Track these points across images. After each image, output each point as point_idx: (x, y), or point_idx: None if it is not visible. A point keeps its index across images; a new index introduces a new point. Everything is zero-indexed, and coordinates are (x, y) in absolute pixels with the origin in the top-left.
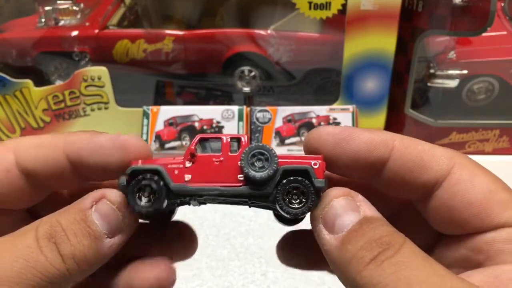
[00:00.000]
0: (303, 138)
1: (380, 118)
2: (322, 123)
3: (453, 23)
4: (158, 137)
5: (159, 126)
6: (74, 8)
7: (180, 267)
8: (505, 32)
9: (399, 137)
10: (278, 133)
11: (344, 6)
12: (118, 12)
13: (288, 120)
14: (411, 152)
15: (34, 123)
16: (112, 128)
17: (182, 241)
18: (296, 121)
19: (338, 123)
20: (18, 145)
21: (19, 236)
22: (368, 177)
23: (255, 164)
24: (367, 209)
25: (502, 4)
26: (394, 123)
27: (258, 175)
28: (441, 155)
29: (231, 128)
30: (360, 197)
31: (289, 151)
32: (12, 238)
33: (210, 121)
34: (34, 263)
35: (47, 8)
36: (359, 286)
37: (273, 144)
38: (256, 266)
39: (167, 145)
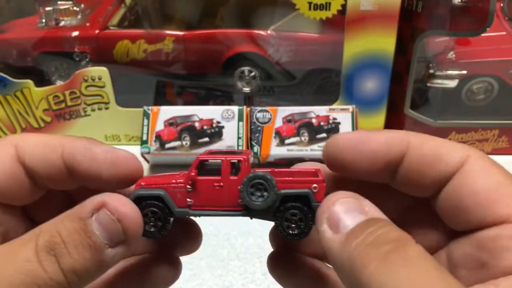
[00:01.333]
0: (303, 138)
1: (380, 118)
2: (322, 123)
3: (453, 23)
4: (158, 137)
5: (159, 126)
6: (75, 8)
7: None
8: (504, 33)
9: (413, 134)
10: (278, 133)
11: (343, 6)
12: (119, 12)
13: (288, 120)
14: (426, 146)
15: (35, 123)
16: (112, 128)
17: (187, 235)
18: (296, 121)
19: (338, 123)
20: (21, 140)
21: (19, 246)
22: (385, 177)
23: (255, 193)
24: (374, 211)
25: (501, 5)
26: (393, 123)
27: (257, 205)
28: (455, 149)
29: (231, 128)
30: (367, 201)
31: (288, 151)
32: (12, 248)
33: (210, 121)
34: (35, 277)
35: (47, 8)
36: (365, 285)
37: (273, 144)
38: (256, 266)
39: (167, 145)
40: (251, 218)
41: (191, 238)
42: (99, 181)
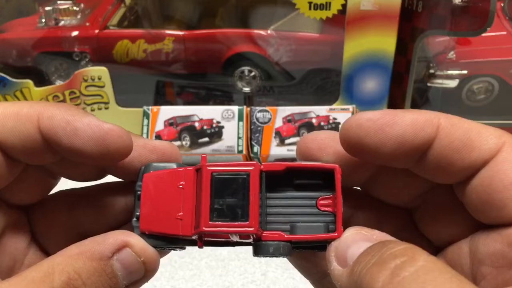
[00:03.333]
0: None
1: None
2: (322, 123)
3: (453, 23)
4: (158, 137)
5: (159, 126)
6: (75, 8)
7: (180, 266)
8: (504, 32)
9: (443, 115)
10: (278, 133)
11: (344, 6)
12: (118, 12)
13: (288, 120)
14: (458, 130)
15: None
16: None
17: None
18: (296, 121)
19: (338, 123)
20: None
21: (30, 285)
22: (409, 162)
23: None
24: (381, 236)
25: (502, 4)
26: None
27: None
28: (489, 134)
29: (231, 128)
30: (375, 231)
31: (289, 151)
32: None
33: (210, 121)
34: None
35: (47, 8)
36: None
37: (273, 144)
38: (256, 266)
39: None
40: None
41: None
42: (83, 158)
